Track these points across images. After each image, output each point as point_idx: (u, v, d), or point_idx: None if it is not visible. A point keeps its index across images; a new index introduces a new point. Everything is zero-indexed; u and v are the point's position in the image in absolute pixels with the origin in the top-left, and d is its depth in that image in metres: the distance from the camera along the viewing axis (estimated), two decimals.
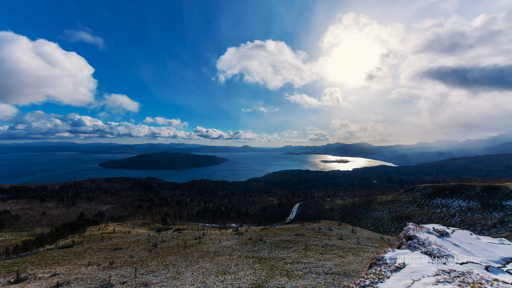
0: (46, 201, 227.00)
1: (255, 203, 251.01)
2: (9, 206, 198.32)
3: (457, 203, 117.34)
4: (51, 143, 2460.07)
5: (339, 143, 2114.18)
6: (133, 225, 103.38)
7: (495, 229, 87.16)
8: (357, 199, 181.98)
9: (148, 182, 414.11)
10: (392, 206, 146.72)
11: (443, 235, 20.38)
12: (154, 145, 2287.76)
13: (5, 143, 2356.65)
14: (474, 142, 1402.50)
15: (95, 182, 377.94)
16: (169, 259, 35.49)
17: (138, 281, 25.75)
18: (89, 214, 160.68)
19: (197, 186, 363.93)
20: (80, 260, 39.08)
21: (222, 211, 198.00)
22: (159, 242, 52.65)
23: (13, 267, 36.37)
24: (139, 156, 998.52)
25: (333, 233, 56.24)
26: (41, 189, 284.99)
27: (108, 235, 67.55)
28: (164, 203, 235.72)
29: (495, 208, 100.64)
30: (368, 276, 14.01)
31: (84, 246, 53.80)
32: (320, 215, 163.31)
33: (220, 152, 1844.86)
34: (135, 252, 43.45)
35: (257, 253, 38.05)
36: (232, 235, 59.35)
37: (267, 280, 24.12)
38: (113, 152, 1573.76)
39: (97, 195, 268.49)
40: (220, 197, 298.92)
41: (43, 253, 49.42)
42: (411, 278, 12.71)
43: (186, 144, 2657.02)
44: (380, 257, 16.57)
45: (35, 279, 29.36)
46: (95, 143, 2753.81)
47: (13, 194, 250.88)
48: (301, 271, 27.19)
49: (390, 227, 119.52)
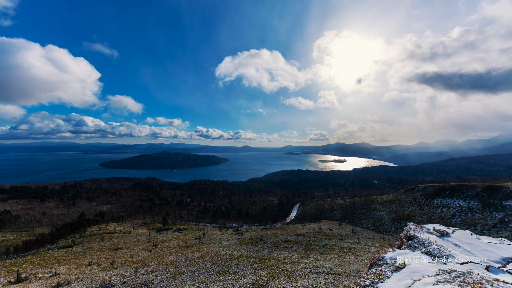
0: (46, 201, 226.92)
1: (255, 203, 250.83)
2: (10, 206, 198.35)
3: (458, 203, 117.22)
4: (52, 143, 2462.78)
5: (340, 143, 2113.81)
6: (133, 225, 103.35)
7: (495, 229, 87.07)
8: (358, 199, 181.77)
9: (149, 182, 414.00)
10: (392, 206, 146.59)
11: (443, 235, 20.39)
12: (155, 145, 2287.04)
13: (5, 143, 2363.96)
14: (474, 142, 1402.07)
15: (96, 182, 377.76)
16: (169, 259, 35.50)
17: (138, 281, 25.77)
18: (89, 214, 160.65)
19: (197, 186, 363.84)
20: (81, 260, 39.09)
21: (222, 211, 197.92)
22: (159, 242, 52.67)
23: (13, 267, 36.36)
24: (139, 156, 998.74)
25: (334, 233, 56.23)
26: (41, 189, 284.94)
27: (109, 235, 67.59)
28: (164, 203, 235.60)
29: (496, 208, 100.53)
30: (368, 276, 14.02)
31: (84, 246, 53.82)
32: (321, 215, 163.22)
33: (221, 152, 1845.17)
34: (135, 252, 43.47)
35: (258, 253, 38.06)
36: (232, 235, 59.36)
37: (268, 280, 24.13)
38: (113, 152, 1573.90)
39: (97, 195, 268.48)
40: (221, 197, 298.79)
41: (43, 253, 49.43)
42: (412, 278, 12.72)
43: (186, 144, 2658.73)
44: (381, 257, 16.58)
45: (35, 279, 29.37)
46: (95, 143, 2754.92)
47: (14, 194, 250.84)
48: (301, 271, 27.19)
49: (391, 227, 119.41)
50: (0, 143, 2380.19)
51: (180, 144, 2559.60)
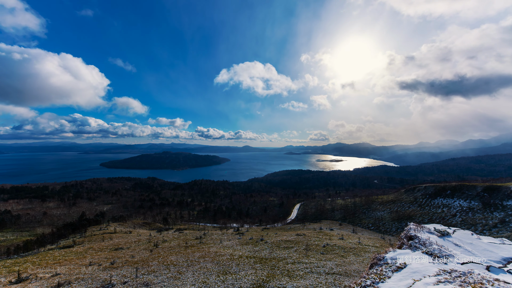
0: (47, 201, 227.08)
1: (256, 203, 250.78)
2: (10, 206, 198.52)
3: (458, 203, 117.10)
4: (53, 143, 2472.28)
5: (340, 143, 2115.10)
6: (134, 225, 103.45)
7: (496, 229, 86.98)
8: (358, 199, 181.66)
9: (149, 182, 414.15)
10: (393, 206, 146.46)
11: (444, 235, 20.38)
12: (155, 145, 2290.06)
13: (6, 143, 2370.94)
14: (475, 142, 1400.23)
15: (96, 182, 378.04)
16: (170, 259, 35.51)
17: (139, 281, 25.79)
18: (90, 214, 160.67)
19: (198, 186, 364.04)
20: (81, 260, 39.11)
21: (223, 211, 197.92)
22: (160, 242, 52.69)
23: (14, 267, 36.40)
24: (140, 156, 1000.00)
25: (334, 233, 56.22)
26: (42, 189, 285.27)
27: (109, 235, 67.64)
28: (165, 203, 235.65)
29: (496, 208, 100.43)
30: (369, 276, 14.02)
31: (85, 246, 53.87)
32: (321, 215, 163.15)
33: (221, 152, 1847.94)
34: (136, 252, 43.49)
35: (258, 253, 38.06)
36: (233, 235, 59.37)
37: (268, 280, 24.14)
38: (114, 152, 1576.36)
39: (98, 195, 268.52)
40: (221, 197, 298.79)
41: (44, 253, 49.48)
42: (412, 278, 12.73)
43: (187, 144, 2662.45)
44: (381, 257, 16.58)
45: (36, 279, 29.38)
46: (96, 143, 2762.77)
47: (14, 194, 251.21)
48: (302, 271, 27.21)
49: (391, 227, 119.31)
50: (2, 143, 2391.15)
51: (180, 144, 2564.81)
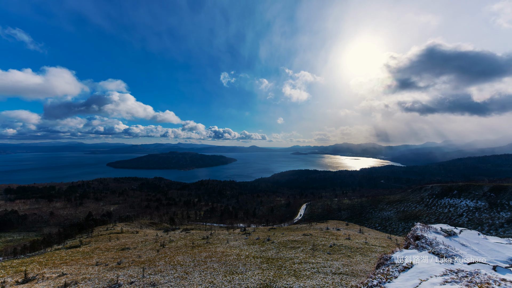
0: (53, 201, 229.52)
1: (262, 203, 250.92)
2: (17, 206, 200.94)
3: (465, 203, 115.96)
4: (60, 143, 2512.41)
5: (346, 143, 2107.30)
6: (140, 225, 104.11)
7: (502, 229, 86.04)
8: (365, 199, 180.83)
9: (156, 182, 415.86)
10: (399, 206, 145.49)
11: (450, 235, 20.29)
12: (162, 145, 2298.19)
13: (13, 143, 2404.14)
14: (481, 142, 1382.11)
15: (103, 182, 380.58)
16: (177, 259, 35.71)
17: (146, 281, 25.99)
18: (96, 214, 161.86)
19: (204, 186, 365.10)
20: (88, 260, 39.48)
21: (229, 211, 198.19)
22: (166, 242, 52.99)
23: (21, 267, 36.78)
24: (146, 156, 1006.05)
25: (341, 233, 56.04)
26: (48, 189, 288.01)
27: (116, 235, 68.12)
28: (171, 203, 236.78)
29: (503, 208, 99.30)
30: (375, 276, 14.07)
31: (91, 246, 54.35)
32: (328, 215, 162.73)
33: (228, 152, 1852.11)
34: (142, 252, 43.80)
35: (265, 253, 38.09)
36: (239, 235, 59.48)
37: (275, 280, 24.21)
38: (120, 152, 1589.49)
39: (104, 195, 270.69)
40: (228, 197, 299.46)
41: (50, 253, 49.93)
42: (419, 278, 12.75)
43: (193, 144, 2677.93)
44: (388, 257, 16.60)
45: (42, 279, 29.60)
46: (102, 143, 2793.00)
47: (21, 194, 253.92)
48: (309, 271, 27.22)
49: (398, 227, 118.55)
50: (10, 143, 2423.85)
51: (187, 144, 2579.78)
